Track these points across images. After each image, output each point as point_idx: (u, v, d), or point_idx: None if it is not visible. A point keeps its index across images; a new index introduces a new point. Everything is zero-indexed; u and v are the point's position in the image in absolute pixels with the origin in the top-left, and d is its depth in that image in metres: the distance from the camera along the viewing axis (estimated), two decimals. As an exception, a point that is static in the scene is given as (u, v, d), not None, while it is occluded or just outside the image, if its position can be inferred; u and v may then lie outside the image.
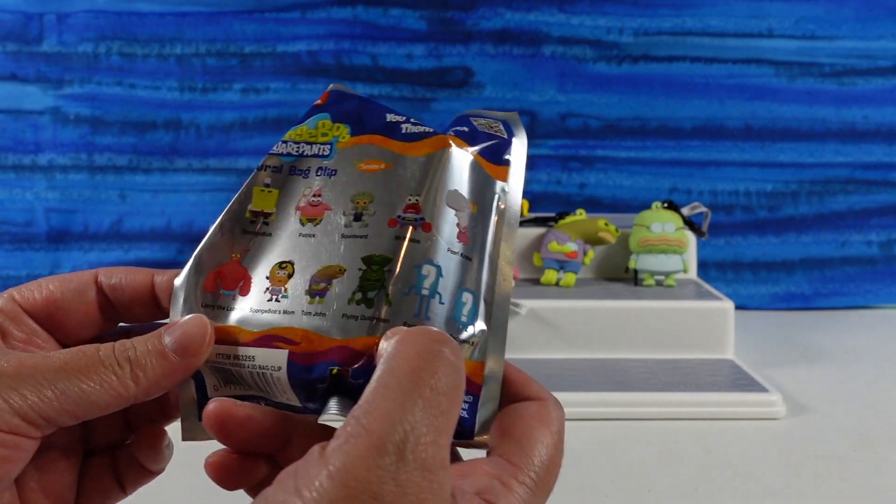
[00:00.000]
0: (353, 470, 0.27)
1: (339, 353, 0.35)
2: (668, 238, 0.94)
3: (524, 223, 0.98)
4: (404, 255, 0.36)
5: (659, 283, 0.94)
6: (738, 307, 0.91)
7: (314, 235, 0.38)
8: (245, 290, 0.38)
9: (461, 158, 0.39)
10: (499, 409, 0.36)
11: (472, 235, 0.38)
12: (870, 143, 1.14)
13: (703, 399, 0.76)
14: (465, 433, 0.34)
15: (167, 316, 0.38)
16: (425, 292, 0.35)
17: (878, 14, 1.12)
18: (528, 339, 0.86)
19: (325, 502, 0.27)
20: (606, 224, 0.95)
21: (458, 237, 0.37)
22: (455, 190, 0.38)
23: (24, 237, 1.12)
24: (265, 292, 0.37)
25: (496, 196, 0.39)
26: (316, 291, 0.36)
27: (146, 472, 0.39)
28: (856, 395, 0.82)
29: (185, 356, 0.35)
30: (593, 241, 0.95)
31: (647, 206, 0.98)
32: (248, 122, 1.13)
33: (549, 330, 0.86)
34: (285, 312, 0.36)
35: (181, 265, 0.39)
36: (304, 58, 1.12)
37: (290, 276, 0.37)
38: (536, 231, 0.97)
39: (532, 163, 1.14)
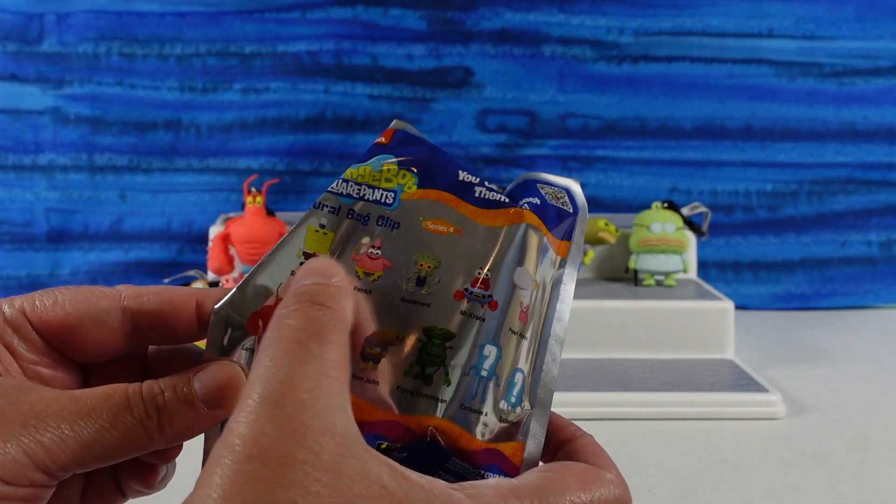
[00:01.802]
0: (256, 437, 0.26)
1: (391, 427, 0.33)
2: (668, 238, 0.94)
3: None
4: (469, 333, 0.35)
5: (659, 283, 0.94)
6: (738, 307, 0.92)
7: (370, 291, 0.36)
8: None
9: (533, 236, 0.38)
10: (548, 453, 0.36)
11: (531, 314, 0.36)
12: (870, 143, 1.14)
13: (703, 399, 0.76)
14: None
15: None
16: (484, 374, 0.34)
17: (878, 14, 1.12)
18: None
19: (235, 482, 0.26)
20: (606, 224, 0.95)
21: (519, 316, 0.36)
22: (524, 268, 0.37)
23: (24, 237, 1.12)
24: None
25: (556, 274, 0.38)
26: (370, 355, 0.34)
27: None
28: (856, 395, 0.82)
29: (213, 408, 0.33)
30: (593, 241, 0.95)
31: (647, 206, 0.98)
32: (248, 122, 1.13)
33: (549, 330, 0.86)
34: None
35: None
36: (304, 58, 1.12)
37: None
38: (536, 231, 0.97)
39: (532, 163, 1.14)
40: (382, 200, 0.37)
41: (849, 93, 1.13)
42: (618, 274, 0.98)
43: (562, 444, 0.36)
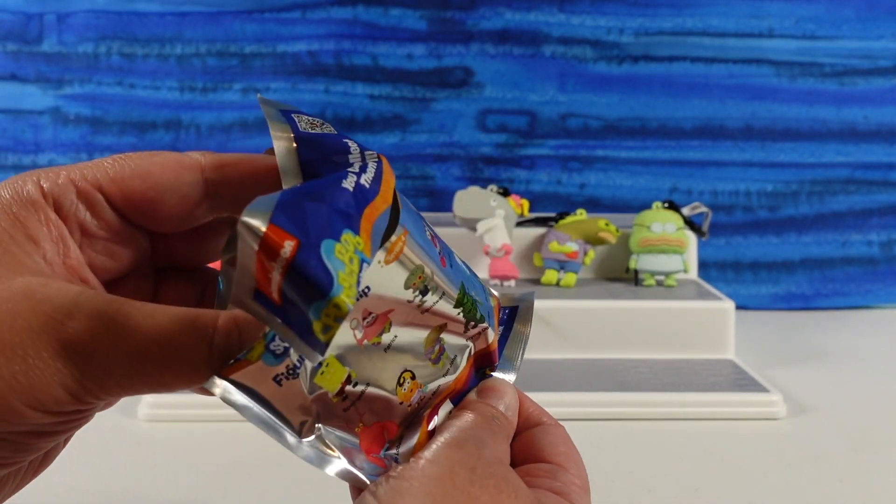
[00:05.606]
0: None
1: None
2: (668, 238, 0.94)
3: (524, 223, 0.98)
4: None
5: (659, 283, 0.94)
6: (738, 307, 0.91)
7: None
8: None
9: None
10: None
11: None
12: (870, 143, 1.13)
13: (703, 399, 0.76)
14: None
15: None
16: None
17: (878, 14, 1.12)
18: (529, 339, 0.86)
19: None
20: (607, 224, 0.95)
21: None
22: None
23: (24, 237, 1.12)
24: None
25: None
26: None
27: None
28: (856, 395, 0.82)
29: None
30: (594, 241, 0.95)
31: (648, 206, 0.98)
32: (248, 122, 1.13)
33: (549, 330, 0.86)
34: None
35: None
36: (304, 58, 1.12)
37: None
38: (537, 231, 0.97)
39: (532, 163, 1.14)
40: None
41: (849, 93, 1.13)
42: (618, 274, 0.98)
43: (525, 426, 0.39)
